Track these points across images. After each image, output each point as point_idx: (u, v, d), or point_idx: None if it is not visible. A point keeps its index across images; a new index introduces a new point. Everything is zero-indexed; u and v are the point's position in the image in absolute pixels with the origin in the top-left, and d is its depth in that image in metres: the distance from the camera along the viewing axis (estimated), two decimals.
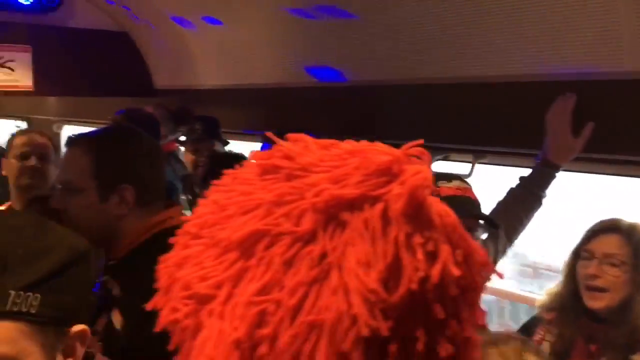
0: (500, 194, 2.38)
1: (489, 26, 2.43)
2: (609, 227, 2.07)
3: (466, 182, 2.13)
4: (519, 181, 2.33)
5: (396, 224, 0.47)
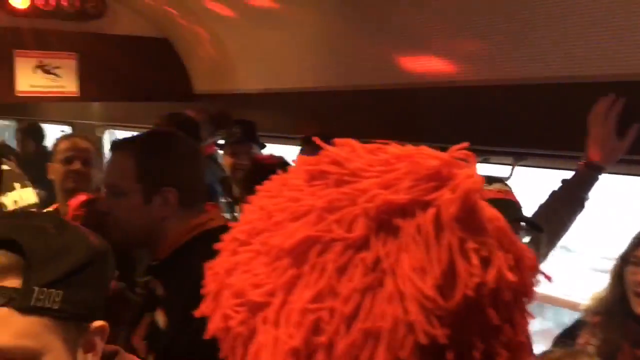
0: (541, 197, 2.34)
1: (530, 27, 2.40)
2: None
3: (507, 184, 2.11)
4: (561, 183, 2.30)
5: (449, 229, 0.47)
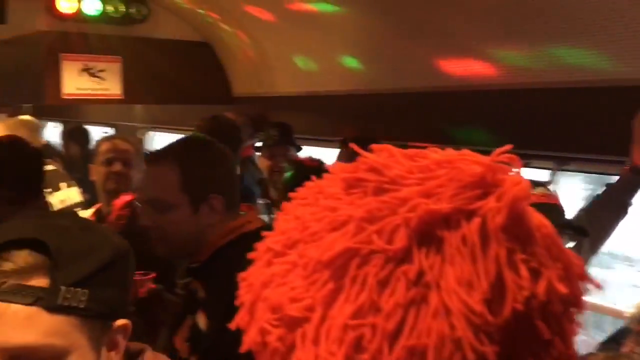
0: (581, 202, 2.30)
1: (575, 32, 2.35)
2: None
3: (549, 189, 2.07)
4: (604, 188, 2.25)
5: (496, 239, 0.44)
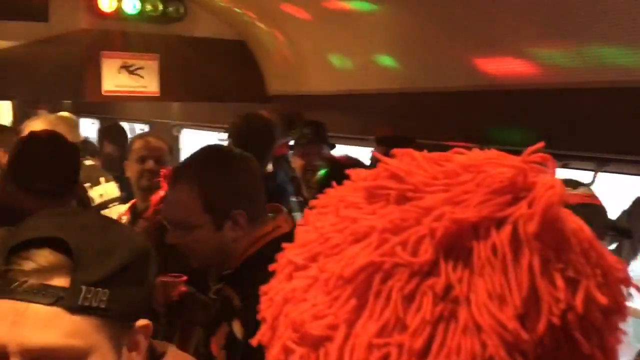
0: (623, 204, 2.24)
1: (613, 30, 2.29)
2: None
3: (591, 189, 2.02)
4: None
5: (529, 248, 0.41)
